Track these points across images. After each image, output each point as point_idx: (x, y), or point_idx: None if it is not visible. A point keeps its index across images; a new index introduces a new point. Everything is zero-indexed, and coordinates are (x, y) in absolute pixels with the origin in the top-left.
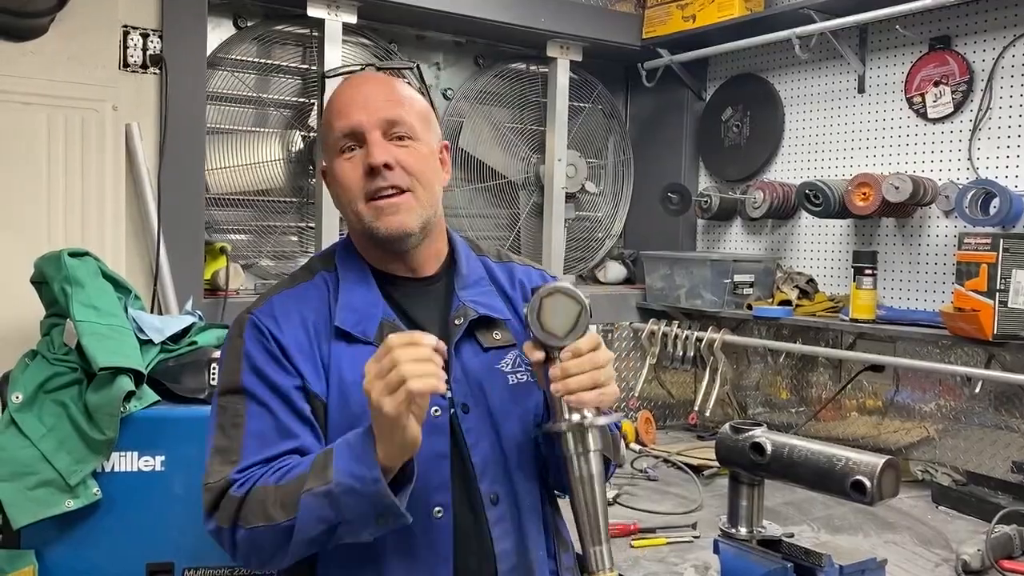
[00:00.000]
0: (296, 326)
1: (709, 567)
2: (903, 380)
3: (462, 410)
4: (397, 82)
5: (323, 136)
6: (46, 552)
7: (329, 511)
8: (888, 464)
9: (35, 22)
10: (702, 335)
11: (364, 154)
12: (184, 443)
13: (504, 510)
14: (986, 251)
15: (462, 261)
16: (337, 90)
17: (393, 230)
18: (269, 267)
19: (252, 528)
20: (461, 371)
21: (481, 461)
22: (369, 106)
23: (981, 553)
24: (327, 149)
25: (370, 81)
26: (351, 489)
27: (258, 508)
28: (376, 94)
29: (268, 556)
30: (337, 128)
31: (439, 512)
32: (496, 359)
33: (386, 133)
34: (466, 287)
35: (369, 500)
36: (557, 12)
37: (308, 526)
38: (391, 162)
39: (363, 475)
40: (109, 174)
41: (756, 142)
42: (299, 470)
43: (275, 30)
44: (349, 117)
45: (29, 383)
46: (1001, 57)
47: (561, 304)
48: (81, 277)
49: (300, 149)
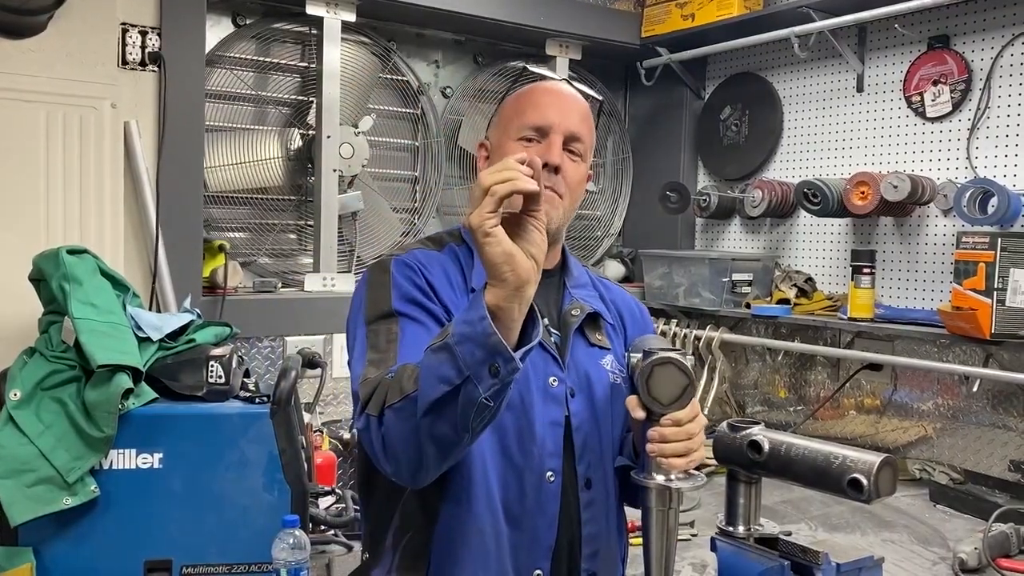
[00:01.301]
0: (440, 275)
1: (707, 565)
2: (901, 379)
3: (570, 393)
4: (586, 104)
5: (506, 118)
6: (44, 549)
7: (447, 368)
8: (885, 462)
9: (34, 19)
10: (700, 333)
11: (543, 148)
12: (182, 440)
13: (595, 495)
14: (984, 250)
15: (572, 265)
16: (538, 87)
17: None
18: (267, 265)
19: (391, 407)
20: (572, 359)
21: (581, 444)
22: (564, 112)
23: (978, 551)
24: (506, 129)
25: (569, 95)
26: (463, 336)
27: (397, 385)
28: (573, 107)
29: (409, 441)
30: (529, 117)
31: (551, 476)
32: (599, 356)
33: (566, 143)
34: (577, 286)
35: (479, 342)
36: (556, 10)
37: (430, 386)
38: (562, 167)
39: (471, 318)
40: (108, 172)
41: (755, 141)
42: (422, 353)
43: (274, 28)
44: (545, 113)
45: (27, 380)
46: (1000, 56)
47: (671, 376)
48: (79, 274)
49: (299, 147)
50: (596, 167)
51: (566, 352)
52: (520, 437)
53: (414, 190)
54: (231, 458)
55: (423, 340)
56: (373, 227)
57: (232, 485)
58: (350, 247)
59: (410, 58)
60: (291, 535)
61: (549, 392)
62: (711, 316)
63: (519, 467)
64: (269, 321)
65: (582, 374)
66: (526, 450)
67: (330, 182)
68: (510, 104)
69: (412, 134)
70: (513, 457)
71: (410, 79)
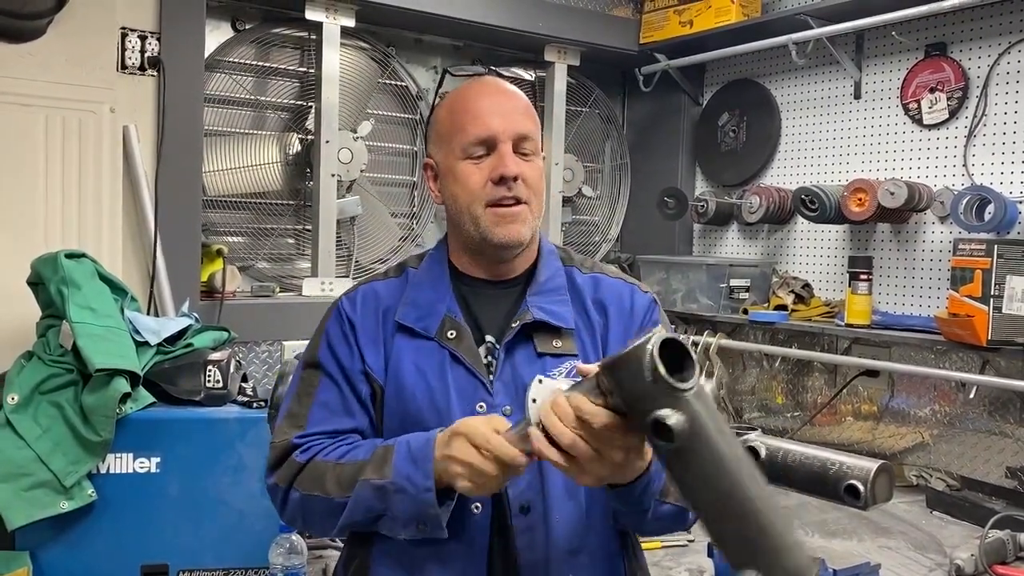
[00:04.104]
0: (371, 313)
1: (704, 571)
2: (898, 385)
3: (503, 413)
4: (523, 94)
5: (445, 134)
6: (41, 554)
7: (379, 503)
8: (882, 468)
9: (33, 24)
10: (698, 339)
11: (494, 162)
12: (180, 445)
13: (533, 521)
14: (981, 257)
15: (541, 268)
16: (470, 92)
17: (511, 239)
18: (266, 269)
19: (307, 495)
20: (510, 373)
21: None
22: (505, 115)
23: (975, 558)
24: (450, 148)
25: (505, 92)
26: (403, 491)
27: (317, 478)
28: (512, 105)
29: (314, 523)
30: (472, 133)
31: (476, 507)
32: (550, 366)
33: (516, 146)
34: (538, 293)
35: (416, 505)
36: (555, 17)
37: (357, 511)
38: (519, 175)
39: (417, 483)
40: (106, 176)
41: (753, 147)
42: (359, 454)
43: (273, 33)
44: (486, 124)
45: (25, 384)
46: (996, 64)
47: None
48: (78, 278)
49: (297, 152)
50: (594, 172)
51: (499, 370)
52: None
53: (412, 195)
54: (228, 462)
55: (334, 403)
56: (371, 232)
57: (229, 489)
58: (348, 252)
59: (409, 63)
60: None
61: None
62: (709, 322)
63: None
64: (267, 326)
65: (521, 389)
66: None
67: (329, 187)
68: (444, 118)
69: (411, 139)
70: None
71: (409, 84)
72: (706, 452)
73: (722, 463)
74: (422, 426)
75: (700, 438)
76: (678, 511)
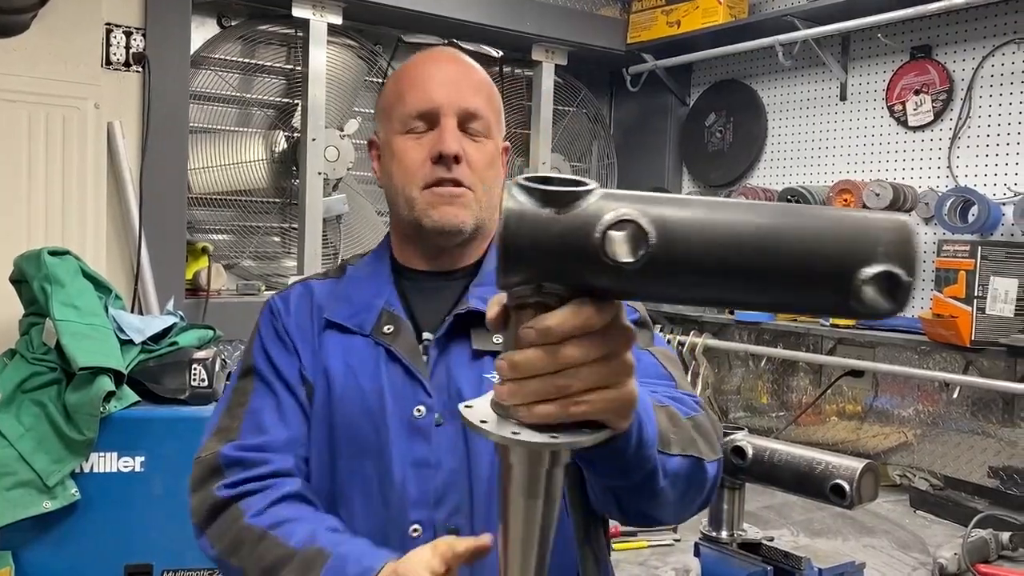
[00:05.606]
0: (304, 311)
1: (690, 570)
2: (882, 385)
3: (435, 423)
4: (481, 69)
5: (387, 107)
6: (23, 553)
7: None
8: (867, 468)
9: (17, 18)
10: (684, 339)
11: (435, 139)
12: (164, 444)
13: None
14: (965, 258)
15: (490, 257)
16: (415, 60)
17: (446, 223)
18: (251, 267)
19: (216, 547)
20: (444, 375)
21: (440, 484)
22: (451, 87)
23: (958, 557)
24: (389, 120)
25: (455, 60)
26: None
27: (232, 538)
28: (462, 77)
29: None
30: (410, 103)
31: (415, 531)
32: (489, 367)
33: (462, 123)
34: (483, 284)
35: None
36: (542, 16)
37: None
38: (462, 155)
39: None
40: (91, 172)
41: (739, 148)
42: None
43: (259, 30)
44: (428, 94)
45: (7, 383)
46: (981, 67)
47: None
48: (61, 276)
49: (283, 149)
50: (581, 172)
51: (433, 371)
52: (381, 484)
53: None
54: None
55: (268, 409)
56: (358, 230)
57: None
58: (334, 250)
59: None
60: None
61: (414, 425)
62: (694, 322)
63: (382, 521)
64: (252, 324)
65: (453, 395)
66: (387, 499)
67: (315, 185)
68: (389, 87)
69: None
70: (375, 509)
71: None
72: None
73: (704, 222)
74: (352, 438)
75: (657, 209)
76: (694, 462)
